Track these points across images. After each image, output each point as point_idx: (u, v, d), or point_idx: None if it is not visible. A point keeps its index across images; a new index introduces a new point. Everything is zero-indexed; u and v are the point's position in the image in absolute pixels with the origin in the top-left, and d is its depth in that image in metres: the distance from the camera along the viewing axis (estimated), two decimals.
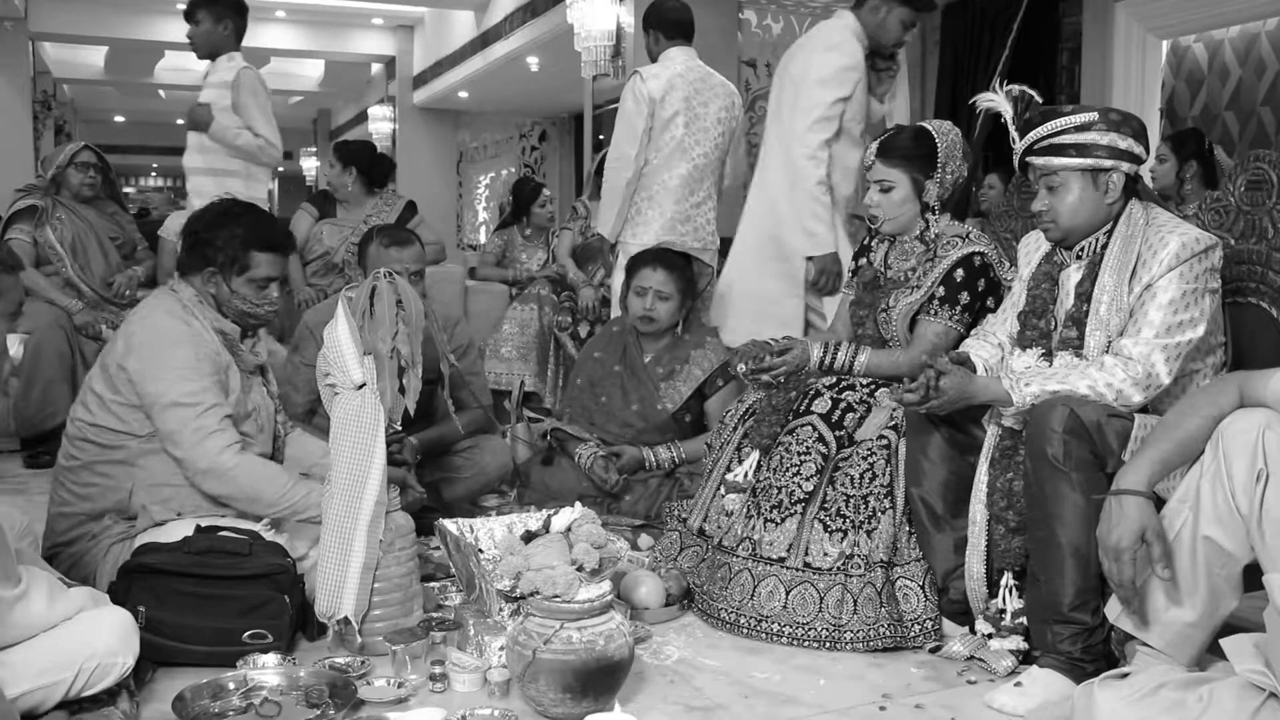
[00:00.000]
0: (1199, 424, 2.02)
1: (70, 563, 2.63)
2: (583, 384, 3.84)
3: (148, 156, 21.41)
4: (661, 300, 3.67)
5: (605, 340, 3.90)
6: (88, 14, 10.15)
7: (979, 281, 2.90)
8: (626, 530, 3.33)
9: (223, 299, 2.74)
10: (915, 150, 2.95)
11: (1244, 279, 2.56)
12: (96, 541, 2.64)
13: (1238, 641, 1.90)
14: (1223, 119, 5.67)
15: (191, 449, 2.58)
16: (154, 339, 2.63)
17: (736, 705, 2.27)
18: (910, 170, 2.94)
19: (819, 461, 2.75)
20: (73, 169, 4.78)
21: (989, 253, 2.93)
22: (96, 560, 2.62)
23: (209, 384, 2.62)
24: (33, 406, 4.45)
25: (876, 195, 2.98)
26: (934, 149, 2.94)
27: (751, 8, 6.33)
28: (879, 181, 2.97)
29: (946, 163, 2.94)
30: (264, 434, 2.82)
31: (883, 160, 2.97)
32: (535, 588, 2.17)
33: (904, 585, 2.61)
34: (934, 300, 2.91)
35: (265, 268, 2.74)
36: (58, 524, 2.70)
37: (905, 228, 3.00)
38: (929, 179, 2.94)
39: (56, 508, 2.72)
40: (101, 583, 2.50)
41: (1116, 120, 2.38)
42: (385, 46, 11.54)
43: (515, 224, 6.37)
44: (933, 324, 2.90)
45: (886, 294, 2.99)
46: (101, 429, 2.65)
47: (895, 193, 2.96)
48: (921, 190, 2.95)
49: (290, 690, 2.20)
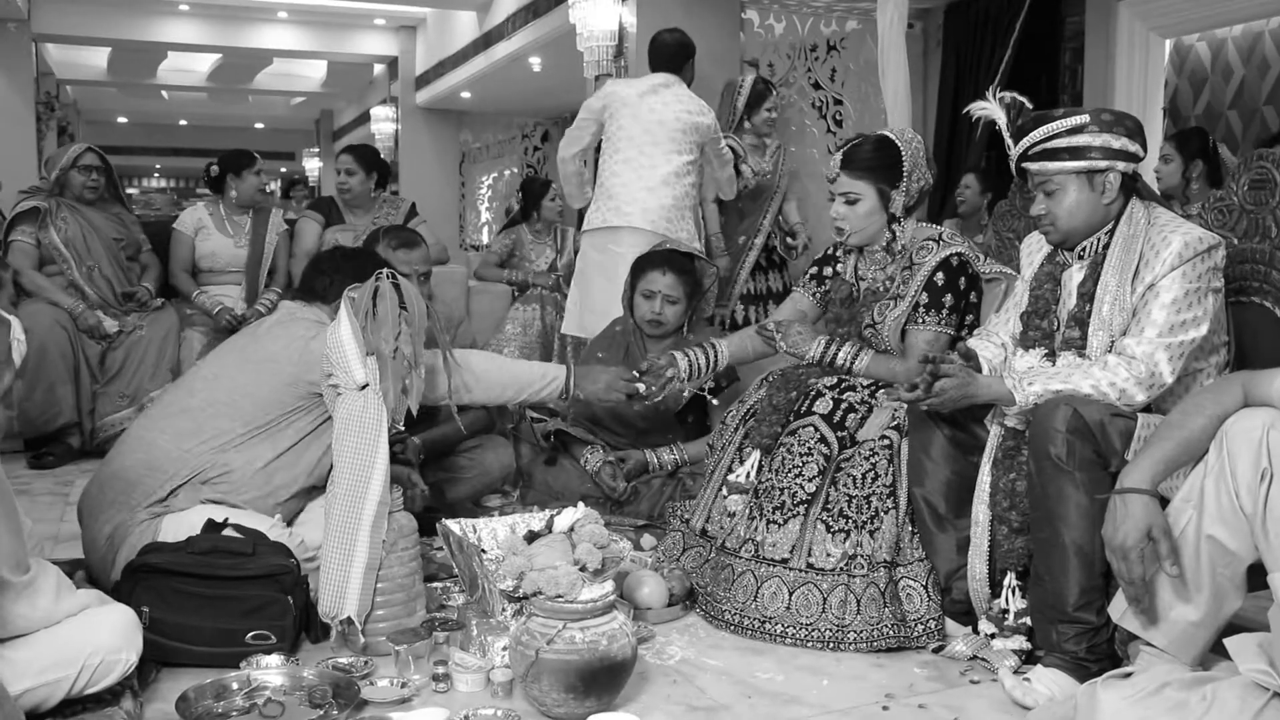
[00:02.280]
0: (1203, 423, 2.02)
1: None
2: None
3: (150, 157, 21.45)
4: (670, 304, 3.67)
5: (608, 341, 3.89)
6: (91, 15, 10.16)
7: (959, 280, 2.89)
8: (629, 530, 3.33)
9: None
10: (880, 160, 2.91)
11: (1247, 278, 2.55)
12: (129, 527, 2.64)
13: (1241, 641, 1.90)
14: (1226, 118, 5.66)
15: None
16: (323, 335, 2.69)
17: (739, 705, 2.27)
18: (876, 181, 2.91)
19: (821, 462, 2.75)
20: (75, 171, 4.78)
21: (965, 251, 2.92)
22: (116, 547, 2.62)
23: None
24: (36, 408, 4.46)
25: (842, 208, 2.94)
26: (898, 158, 2.91)
27: (754, 8, 6.33)
28: (844, 194, 2.93)
29: (912, 171, 2.91)
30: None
31: (847, 172, 2.92)
32: (538, 588, 2.17)
33: (907, 585, 2.61)
34: (919, 308, 2.89)
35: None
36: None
37: (872, 239, 2.98)
38: (894, 189, 2.91)
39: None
40: (117, 570, 2.52)
41: (1109, 120, 2.37)
42: (388, 47, 11.54)
43: (524, 222, 6.35)
44: (922, 332, 2.89)
45: (868, 307, 2.98)
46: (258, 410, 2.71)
47: (861, 205, 2.92)
48: (888, 201, 2.92)
49: (294, 690, 2.20)
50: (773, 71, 6.41)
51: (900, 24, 4.81)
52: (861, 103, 6.62)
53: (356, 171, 5.11)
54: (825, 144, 6.56)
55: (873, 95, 6.48)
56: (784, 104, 6.45)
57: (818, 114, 6.58)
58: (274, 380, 2.70)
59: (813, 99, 6.56)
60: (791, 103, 6.50)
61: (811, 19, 6.50)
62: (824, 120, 6.57)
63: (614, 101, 4.54)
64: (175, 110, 17.24)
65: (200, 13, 10.47)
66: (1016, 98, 2.54)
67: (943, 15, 6.77)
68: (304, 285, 2.95)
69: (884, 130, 3.00)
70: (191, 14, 10.51)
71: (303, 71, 13.90)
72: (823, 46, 6.58)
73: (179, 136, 19.28)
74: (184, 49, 12.03)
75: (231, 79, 13.83)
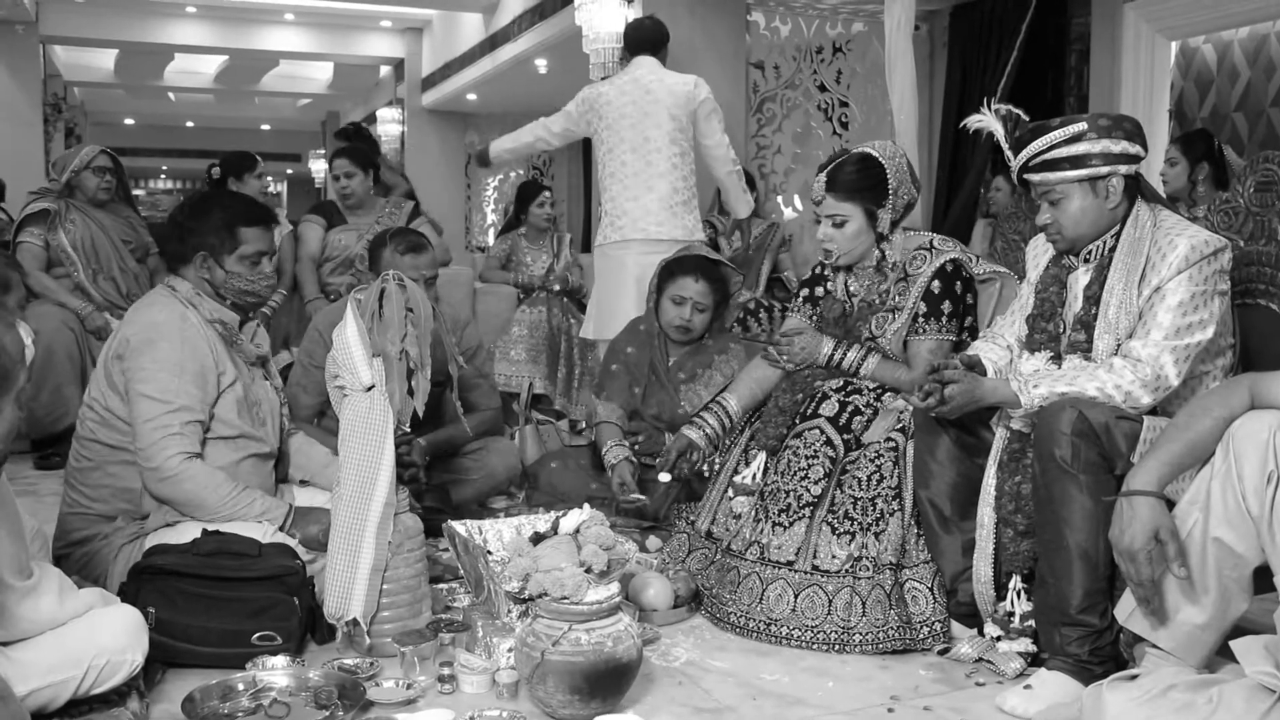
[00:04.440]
0: (1209, 425, 2.01)
1: (82, 563, 2.64)
2: (618, 370, 3.78)
3: (157, 159, 21.45)
4: (699, 312, 3.65)
5: (634, 337, 3.85)
6: (98, 17, 10.18)
7: (955, 286, 2.89)
8: (635, 532, 3.33)
9: (219, 282, 2.76)
10: (864, 181, 2.87)
11: (1253, 280, 2.55)
12: (108, 542, 2.65)
13: (1247, 643, 1.90)
14: (1232, 120, 5.66)
15: (147, 445, 2.59)
16: (144, 333, 2.65)
17: (744, 707, 2.27)
18: (863, 202, 2.88)
19: (827, 465, 2.75)
20: (89, 173, 4.80)
21: (959, 256, 2.91)
22: (107, 561, 2.63)
23: (186, 385, 2.62)
24: (43, 408, 4.47)
25: (830, 230, 2.91)
26: (883, 176, 2.87)
27: (759, 9, 6.33)
28: (830, 216, 2.90)
29: (898, 188, 2.89)
30: (269, 426, 2.84)
31: (833, 195, 2.88)
32: (544, 589, 2.18)
33: (912, 587, 2.61)
34: (919, 318, 2.88)
35: (255, 242, 2.77)
36: (69, 524, 2.72)
37: (861, 258, 2.96)
38: (880, 208, 2.88)
39: (68, 509, 2.73)
40: (112, 584, 2.51)
41: (1106, 126, 2.37)
42: (394, 49, 11.54)
43: (517, 226, 6.36)
44: (924, 342, 2.87)
45: (864, 320, 2.96)
46: (108, 429, 2.67)
47: (849, 226, 2.90)
48: (875, 221, 2.90)
49: (299, 691, 2.20)
50: (779, 73, 6.42)
51: (907, 26, 4.81)
52: (867, 105, 6.63)
53: (355, 173, 5.09)
54: (830, 146, 6.57)
55: (878, 98, 6.48)
56: (790, 107, 6.47)
57: (823, 116, 6.59)
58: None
59: (818, 101, 6.57)
60: (797, 105, 6.51)
61: (817, 21, 6.50)
62: (829, 123, 6.58)
63: (599, 103, 4.53)
64: (182, 112, 17.25)
65: (207, 15, 10.48)
66: (1013, 110, 2.54)
67: (949, 17, 6.76)
68: (162, 253, 2.89)
69: (865, 147, 2.94)
70: (198, 16, 10.53)
71: (309, 73, 13.90)
72: (828, 49, 6.58)
73: (185, 138, 19.29)
74: (191, 51, 12.03)
75: (238, 81, 13.84)
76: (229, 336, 2.76)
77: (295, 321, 5.02)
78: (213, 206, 2.79)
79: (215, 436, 2.69)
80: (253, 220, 2.79)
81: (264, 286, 2.81)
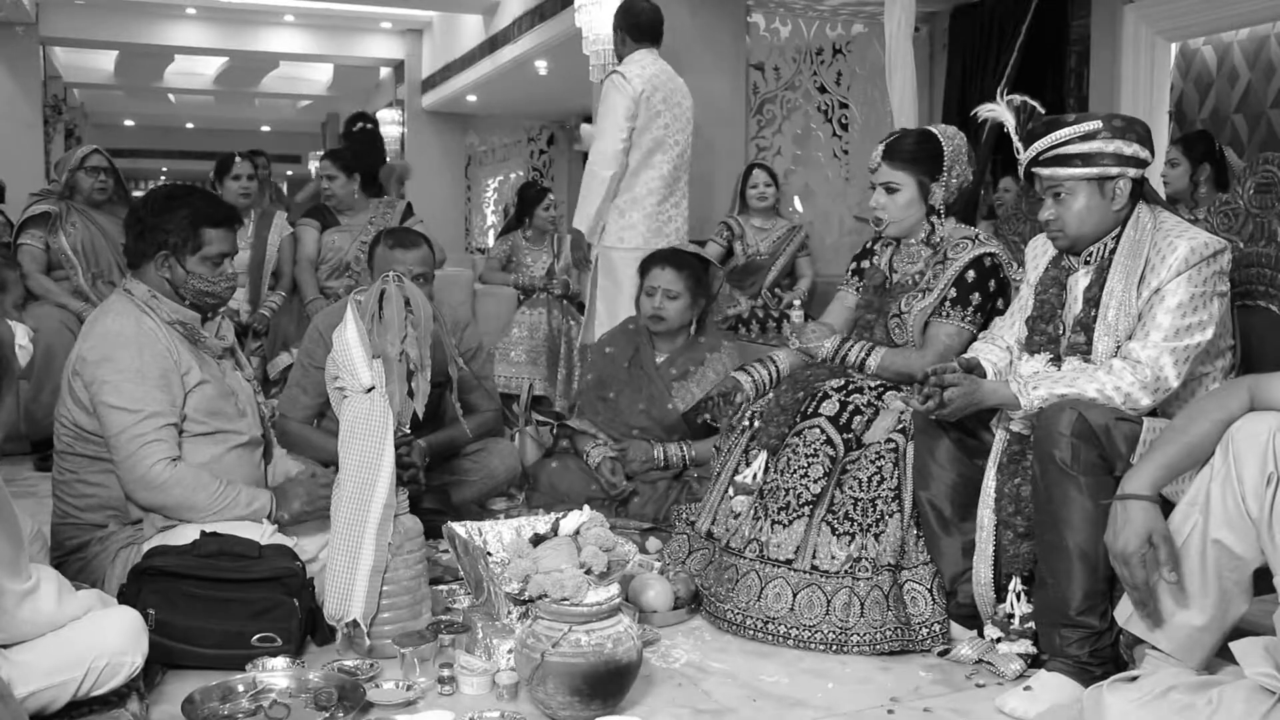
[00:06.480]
0: (1207, 428, 2.02)
1: (78, 568, 2.63)
2: (592, 380, 3.85)
3: (157, 160, 21.46)
4: (670, 299, 3.68)
5: (618, 336, 3.90)
6: (98, 19, 10.19)
7: (990, 282, 2.90)
8: (634, 533, 3.33)
9: (179, 282, 2.71)
10: (921, 152, 2.94)
11: (1253, 282, 2.55)
12: (104, 546, 2.64)
13: (1247, 645, 1.90)
14: (1232, 122, 5.66)
15: (126, 456, 2.56)
16: (100, 345, 2.61)
17: (744, 708, 2.27)
18: (916, 173, 2.93)
19: (826, 464, 2.75)
20: (83, 173, 4.80)
21: (999, 254, 2.93)
22: (104, 566, 2.62)
23: (152, 390, 2.58)
24: (42, 409, 4.46)
25: (882, 198, 2.97)
26: (940, 152, 2.93)
27: (760, 11, 6.33)
28: (885, 183, 2.96)
29: (953, 166, 2.94)
30: (248, 417, 2.81)
31: (888, 162, 2.95)
32: (543, 591, 2.18)
33: (912, 589, 2.61)
34: (946, 302, 2.90)
35: (217, 244, 2.73)
36: (62, 534, 2.71)
37: (910, 231, 2.99)
38: (934, 181, 2.93)
39: (59, 519, 2.72)
40: (111, 587, 2.50)
41: (1120, 127, 2.37)
42: (394, 50, 11.55)
43: (518, 228, 6.36)
44: (945, 325, 2.89)
45: (895, 298, 2.99)
46: (83, 442, 2.65)
47: (901, 195, 2.95)
48: (927, 193, 2.94)
49: (299, 693, 2.20)
50: (779, 75, 6.42)
51: (907, 27, 4.81)
52: (868, 106, 6.62)
53: (336, 176, 5.17)
54: (831, 147, 6.57)
55: (879, 99, 6.48)
56: (790, 108, 6.46)
57: (824, 118, 6.59)
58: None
59: (819, 103, 6.56)
60: (797, 107, 6.50)
61: (817, 22, 6.50)
62: (830, 124, 6.57)
63: (654, 99, 4.32)
64: (182, 113, 17.25)
65: (207, 16, 10.49)
66: (1027, 100, 2.54)
67: (949, 19, 6.77)
68: (124, 249, 2.84)
69: (929, 126, 3.03)
70: (198, 18, 10.53)
71: (309, 75, 13.91)
72: (829, 50, 6.58)
73: (186, 140, 19.30)
74: (191, 52, 12.04)
75: (238, 82, 13.85)
76: (191, 335, 2.72)
77: (295, 323, 5.03)
78: (177, 204, 2.74)
79: (190, 435, 2.66)
80: (217, 221, 2.74)
81: (224, 288, 2.77)
